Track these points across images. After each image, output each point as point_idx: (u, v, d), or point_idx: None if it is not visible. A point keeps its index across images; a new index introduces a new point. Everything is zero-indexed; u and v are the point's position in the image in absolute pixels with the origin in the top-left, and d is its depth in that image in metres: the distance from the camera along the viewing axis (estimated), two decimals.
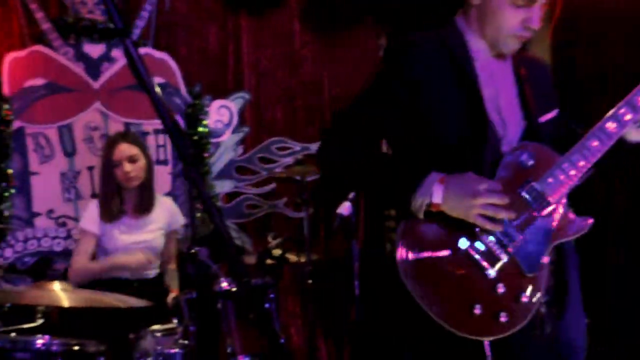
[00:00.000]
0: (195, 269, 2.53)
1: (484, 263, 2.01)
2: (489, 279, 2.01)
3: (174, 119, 1.22)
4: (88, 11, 4.52)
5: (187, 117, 4.76)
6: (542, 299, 2.13)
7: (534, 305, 2.02)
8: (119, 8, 1.31)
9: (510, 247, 2.03)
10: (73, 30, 4.48)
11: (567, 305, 2.17)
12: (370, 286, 3.84)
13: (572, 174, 2.07)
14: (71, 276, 3.63)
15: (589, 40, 4.29)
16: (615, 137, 2.08)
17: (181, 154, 1.31)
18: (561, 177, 2.07)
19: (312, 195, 3.57)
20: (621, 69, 4.02)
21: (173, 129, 1.29)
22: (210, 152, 4.80)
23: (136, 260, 3.65)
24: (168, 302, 3.68)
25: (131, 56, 1.25)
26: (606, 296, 3.95)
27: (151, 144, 4.55)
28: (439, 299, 1.99)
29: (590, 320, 2.29)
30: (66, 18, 4.47)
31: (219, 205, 4.81)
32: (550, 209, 2.07)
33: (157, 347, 2.82)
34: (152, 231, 3.84)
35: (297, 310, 4.33)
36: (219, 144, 4.86)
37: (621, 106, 2.09)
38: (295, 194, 4.60)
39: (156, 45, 4.72)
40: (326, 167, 2.24)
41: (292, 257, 3.72)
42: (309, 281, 3.38)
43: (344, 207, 3.72)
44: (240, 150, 4.97)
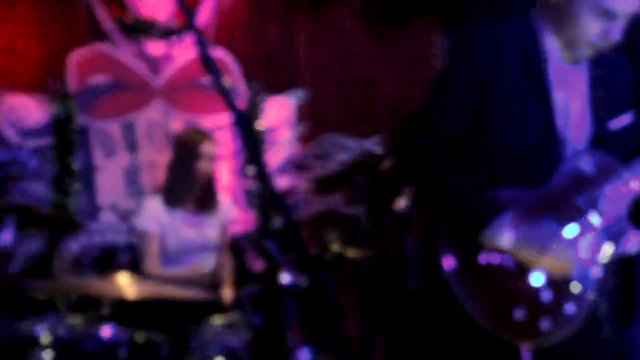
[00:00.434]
0: (263, 261, 2.52)
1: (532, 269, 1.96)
2: (536, 283, 1.95)
3: (243, 114, 1.22)
4: (149, 10, 4.57)
5: (246, 115, 4.79)
6: (604, 302, 2.08)
7: (580, 315, 1.95)
8: (189, 6, 1.31)
9: None
10: (135, 29, 4.54)
11: (633, 308, 2.12)
12: (424, 281, 3.82)
13: (633, 184, 2.00)
14: (150, 278, 3.64)
15: None
16: None
17: (249, 148, 1.30)
18: (621, 187, 2.00)
19: (368, 192, 3.54)
20: None
21: (242, 124, 1.29)
22: (267, 149, 4.82)
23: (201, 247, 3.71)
24: (223, 293, 3.72)
25: (203, 51, 1.25)
26: None
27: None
28: (483, 300, 1.96)
29: None
30: (128, 17, 4.52)
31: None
32: (606, 220, 2.00)
33: (218, 339, 2.83)
34: (211, 225, 3.87)
35: (353, 305, 4.32)
36: (275, 140, 4.88)
37: None
38: (350, 190, 4.59)
39: (215, 43, 4.75)
40: (401, 175, 2.20)
41: (349, 252, 3.71)
42: (365, 275, 3.36)
43: (400, 203, 3.69)
44: (296, 146, 4.98)
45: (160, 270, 3.73)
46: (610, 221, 2.01)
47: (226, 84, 1.29)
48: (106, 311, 3.19)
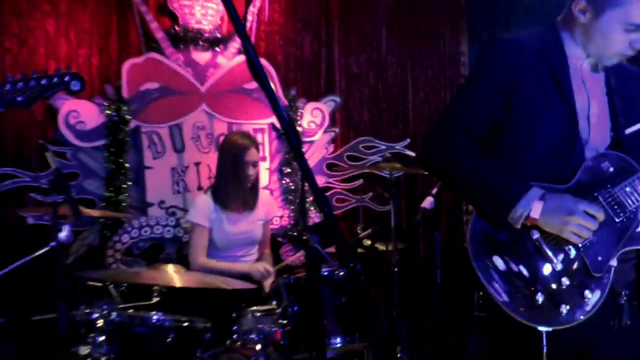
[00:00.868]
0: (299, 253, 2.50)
1: (551, 255, 1.95)
2: (555, 270, 1.95)
3: (288, 115, 1.21)
4: (196, 22, 4.59)
5: None
6: (623, 292, 2.05)
7: (596, 303, 1.94)
8: (239, 15, 1.31)
9: (580, 245, 1.96)
10: (183, 39, 4.54)
11: None
12: (450, 274, 3.80)
13: None
14: (193, 269, 3.67)
15: None
16: None
17: (293, 148, 1.30)
18: (637, 186, 2.01)
19: (397, 190, 3.53)
20: None
21: (287, 125, 1.29)
22: (303, 151, 4.81)
23: (257, 271, 3.70)
24: (265, 284, 3.73)
25: (251, 58, 1.25)
26: None
27: None
28: (505, 283, 1.94)
29: None
30: (177, 28, 4.53)
31: (312, 198, 4.83)
32: (625, 216, 2.00)
33: (259, 326, 2.83)
34: (254, 222, 3.89)
35: (382, 296, 4.31)
36: (311, 142, 4.88)
37: None
38: (381, 189, 4.58)
39: (257, 51, 4.76)
40: (429, 170, 2.19)
41: (380, 246, 3.70)
42: (394, 269, 3.35)
43: (427, 202, 3.68)
44: (331, 148, 4.97)
45: (207, 261, 3.76)
46: (630, 216, 1.99)
47: (273, 89, 1.28)
48: (155, 298, 3.24)
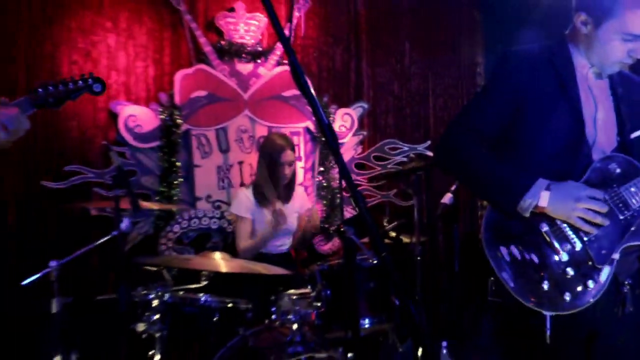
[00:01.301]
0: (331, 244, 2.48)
1: (558, 247, 1.93)
2: (561, 261, 1.93)
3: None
4: (239, 37, 4.62)
5: (317, 123, 4.79)
6: (627, 282, 2.02)
7: (598, 292, 1.91)
8: (283, 31, 1.31)
9: (585, 238, 1.94)
10: (228, 52, 4.57)
11: None
12: (467, 263, 3.77)
13: None
14: (240, 255, 3.70)
15: None
16: None
17: (332, 148, 1.30)
18: None
19: (419, 187, 3.51)
20: None
21: (327, 128, 1.29)
22: None
23: (269, 222, 3.70)
24: (299, 270, 3.74)
25: (295, 68, 1.26)
26: None
27: None
28: (514, 270, 1.93)
29: None
30: (223, 43, 4.56)
31: (342, 194, 4.83)
32: (629, 214, 1.96)
33: (296, 307, 2.83)
34: (289, 215, 3.90)
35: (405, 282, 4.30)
36: (342, 144, 4.87)
37: None
38: (404, 186, 4.56)
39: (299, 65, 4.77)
40: (443, 168, 2.18)
41: (404, 238, 3.68)
42: (417, 258, 3.34)
43: (446, 198, 3.64)
44: (359, 149, 4.97)
45: (250, 246, 3.78)
46: (633, 214, 1.96)
47: (314, 96, 1.28)
48: (204, 282, 3.26)
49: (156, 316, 2.84)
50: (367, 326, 2.93)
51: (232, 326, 2.96)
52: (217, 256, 3.02)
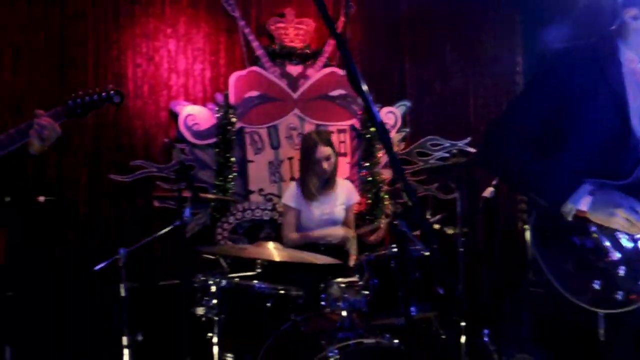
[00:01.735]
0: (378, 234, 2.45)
1: (609, 246, 1.84)
2: (612, 260, 1.83)
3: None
4: (290, 40, 4.62)
5: (362, 121, 4.76)
6: None
7: None
8: (340, 35, 1.30)
9: (638, 236, 1.85)
10: (279, 55, 4.58)
11: None
12: (507, 254, 3.70)
13: None
14: (286, 243, 3.70)
15: None
16: None
17: (386, 146, 1.28)
18: None
19: (461, 181, 3.44)
20: None
21: (380, 126, 1.27)
22: (378, 148, 4.76)
23: (335, 233, 3.73)
24: (350, 262, 3.73)
25: (350, 69, 1.24)
26: None
27: (334, 140, 4.50)
28: (564, 270, 1.85)
29: None
30: (274, 46, 4.58)
31: (385, 188, 4.80)
32: None
33: (345, 295, 2.82)
34: (336, 206, 3.87)
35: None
36: None
37: None
38: (447, 180, 4.48)
39: (339, 65, 4.75)
40: (487, 167, 2.12)
41: (448, 230, 3.62)
42: (459, 250, 3.28)
43: (488, 191, 3.57)
44: (402, 145, 4.91)
45: (297, 239, 3.78)
46: None
47: (368, 95, 1.26)
48: (259, 269, 3.28)
49: (214, 301, 2.86)
50: (412, 314, 2.89)
51: (284, 312, 2.95)
52: (271, 246, 3.02)
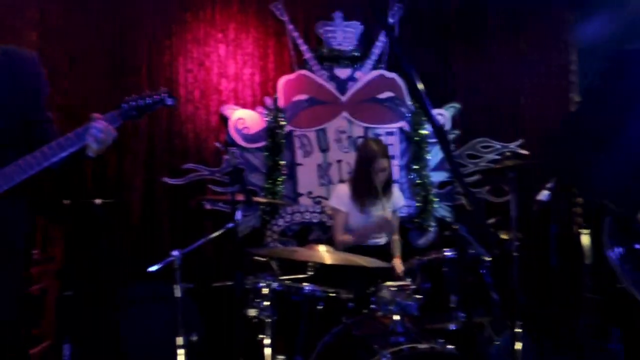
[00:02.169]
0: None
1: None
2: None
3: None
4: (338, 43, 4.63)
5: (411, 123, 4.72)
6: None
7: None
8: (397, 40, 1.28)
9: None
10: (327, 58, 4.60)
11: None
12: (563, 259, 3.59)
13: None
14: (337, 246, 3.70)
15: None
16: None
17: (445, 149, 1.27)
18: None
19: (516, 184, 3.36)
20: None
21: (438, 130, 1.26)
22: (428, 150, 4.73)
23: (375, 225, 3.71)
24: (394, 265, 3.69)
25: (407, 74, 1.23)
26: None
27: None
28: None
29: None
30: (322, 49, 4.59)
31: (434, 191, 4.74)
32: None
33: (397, 299, 2.80)
34: (385, 209, 3.82)
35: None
36: (435, 143, 4.78)
37: None
38: (501, 183, 4.41)
39: (388, 67, 4.72)
40: (552, 171, 2.06)
41: (502, 234, 3.55)
42: (514, 254, 3.21)
43: (542, 194, 3.47)
44: (452, 148, 4.84)
45: (342, 240, 3.78)
46: None
47: (425, 98, 1.25)
48: (309, 272, 3.28)
49: (266, 303, 2.88)
50: (462, 320, 2.85)
51: (335, 315, 2.95)
52: (322, 248, 3.02)
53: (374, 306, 2.98)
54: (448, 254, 2.88)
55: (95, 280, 4.00)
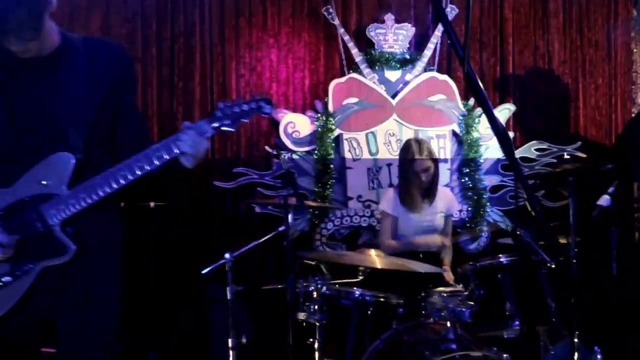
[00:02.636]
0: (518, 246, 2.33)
1: None
2: None
3: (502, 125, 1.15)
4: (388, 46, 4.60)
5: (462, 126, 4.64)
6: None
7: None
8: (459, 40, 1.26)
9: None
10: (378, 61, 4.56)
11: None
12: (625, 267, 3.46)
13: None
14: (383, 250, 3.70)
15: None
16: None
17: (506, 152, 1.23)
18: None
19: (575, 189, 3.25)
20: None
21: (502, 134, 1.23)
22: (480, 153, 4.64)
23: (433, 241, 3.67)
24: (446, 268, 3.65)
25: (470, 76, 1.21)
26: None
27: (434, 145, 4.42)
28: None
29: None
30: (373, 52, 4.56)
31: (487, 195, 4.65)
32: None
33: (448, 305, 2.75)
34: (435, 214, 3.79)
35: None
36: (487, 146, 4.68)
37: None
38: (559, 187, 4.28)
39: (439, 70, 4.66)
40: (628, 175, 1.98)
41: (561, 240, 3.44)
42: (573, 261, 3.10)
43: (603, 199, 3.35)
44: (514, 148, 4.74)
45: (394, 246, 3.74)
46: None
47: (488, 100, 1.21)
48: (360, 277, 3.27)
49: (315, 306, 2.88)
50: (517, 328, 2.78)
51: (385, 320, 2.93)
52: (373, 253, 3.01)
53: (424, 312, 2.95)
54: (504, 259, 2.81)
55: (150, 283, 4.09)
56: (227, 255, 3.03)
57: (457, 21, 4.61)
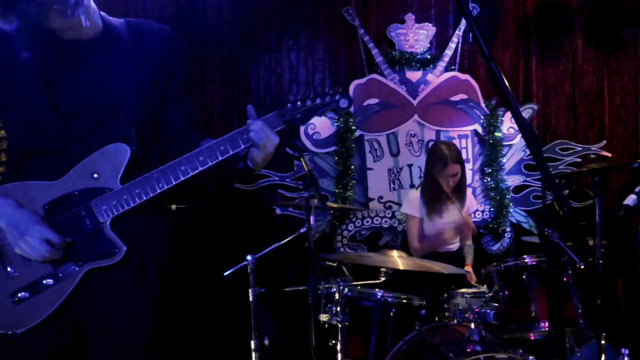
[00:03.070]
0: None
1: None
2: None
3: (529, 124, 1.14)
4: (409, 46, 4.58)
5: (485, 126, 4.60)
6: None
7: None
8: (485, 38, 1.25)
9: None
10: (398, 61, 4.55)
11: None
12: None
13: None
14: (413, 253, 3.69)
15: None
16: None
17: (534, 152, 1.22)
18: None
19: (601, 188, 3.20)
20: None
21: (529, 133, 1.21)
22: (503, 153, 4.60)
23: (449, 234, 3.64)
24: (468, 269, 3.62)
25: (495, 75, 1.20)
26: None
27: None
28: None
29: None
30: (394, 52, 4.56)
31: (510, 196, 4.60)
32: None
33: (473, 307, 2.73)
34: (458, 214, 3.78)
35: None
36: (510, 146, 4.64)
37: None
38: (585, 187, 4.22)
39: (460, 69, 4.63)
40: None
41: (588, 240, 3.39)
42: (599, 261, 3.06)
43: (630, 199, 3.29)
44: (528, 151, 4.68)
45: (418, 247, 3.73)
46: None
47: (513, 99, 1.20)
48: (382, 278, 3.26)
49: (337, 308, 2.86)
50: (544, 329, 2.74)
51: (408, 321, 2.91)
52: (395, 254, 3.00)
53: (448, 313, 2.93)
54: (528, 260, 2.78)
55: (170, 285, 4.11)
56: (249, 257, 3.04)
57: (478, 18, 4.57)
